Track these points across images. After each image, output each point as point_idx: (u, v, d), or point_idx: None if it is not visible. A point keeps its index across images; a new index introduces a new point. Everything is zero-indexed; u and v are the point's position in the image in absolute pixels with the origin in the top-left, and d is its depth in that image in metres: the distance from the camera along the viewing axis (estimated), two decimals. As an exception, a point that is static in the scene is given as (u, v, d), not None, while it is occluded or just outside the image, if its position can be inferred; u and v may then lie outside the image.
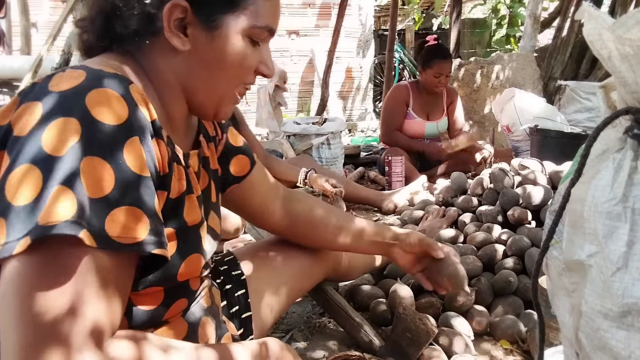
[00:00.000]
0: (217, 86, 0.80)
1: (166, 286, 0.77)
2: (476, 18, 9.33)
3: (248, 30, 0.77)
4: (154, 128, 0.69)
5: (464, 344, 1.22)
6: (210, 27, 0.75)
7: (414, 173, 2.98)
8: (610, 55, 0.54)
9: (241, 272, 1.15)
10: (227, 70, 0.78)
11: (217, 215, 0.95)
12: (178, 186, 0.77)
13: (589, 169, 0.58)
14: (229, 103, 0.84)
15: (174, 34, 0.74)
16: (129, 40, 0.76)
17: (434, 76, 3.14)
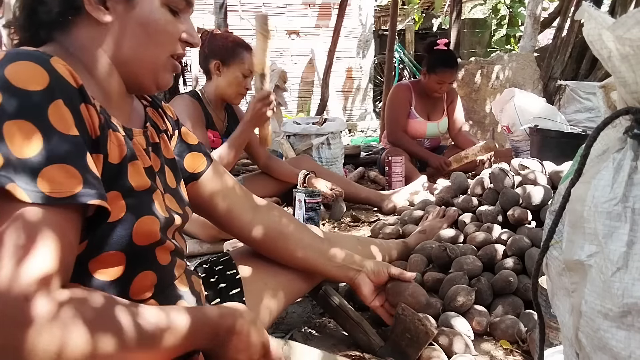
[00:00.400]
0: (145, 55, 0.83)
1: (126, 251, 0.77)
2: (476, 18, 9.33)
3: (164, 0, 0.82)
4: (82, 94, 0.71)
5: (464, 344, 1.22)
6: (130, 1, 0.80)
7: (414, 173, 2.98)
8: (610, 55, 0.54)
9: (236, 271, 1.15)
10: (151, 38, 0.82)
11: (178, 199, 0.94)
12: (118, 151, 0.78)
13: (589, 169, 0.59)
14: (167, 71, 0.87)
15: (95, 8, 0.78)
16: (55, 25, 0.79)
17: (436, 82, 3.12)
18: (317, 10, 7.73)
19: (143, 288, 0.82)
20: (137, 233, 0.78)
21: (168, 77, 0.88)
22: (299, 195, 2.15)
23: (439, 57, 3.14)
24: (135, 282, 0.80)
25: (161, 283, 0.85)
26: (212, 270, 1.16)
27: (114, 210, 0.75)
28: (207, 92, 2.32)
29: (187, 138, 1.06)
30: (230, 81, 2.24)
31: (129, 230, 0.77)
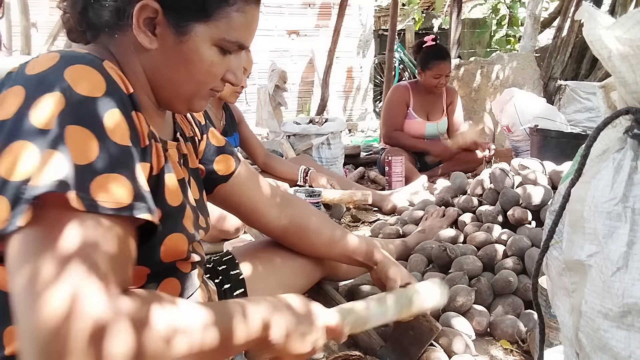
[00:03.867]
0: (181, 87, 0.81)
1: (151, 267, 0.77)
2: (476, 18, 9.33)
3: (217, 41, 0.78)
4: (132, 101, 0.71)
5: (464, 344, 1.22)
6: (180, 31, 0.76)
7: (414, 173, 2.98)
8: (610, 55, 0.54)
9: (239, 271, 1.16)
10: (192, 74, 0.79)
11: (201, 210, 0.95)
12: (157, 162, 0.78)
13: (589, 169, 0.59)
14: (201, 100, 0.85)
15: (142, 32, 0.76)
16: (101, 30, 0.78)
17: (433, 77, 3.14)
18: (317, 10, 7.72)
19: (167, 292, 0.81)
20: (165, 250, 0.78)
21: (203, 104, 0.86)
22: (299, 194, 2.15)
23: (429, 52, 3.17)
24: (160, 288, 0.81)
25: (184, 291, 0.87)
26: (215, 270, 1.16)
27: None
28: None
29: (214, 140, 1.07)
30: None
31: (158, 247, 0.77)
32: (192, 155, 0.97)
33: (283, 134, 3.39)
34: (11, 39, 5.22)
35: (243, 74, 2.23)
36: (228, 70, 0.83)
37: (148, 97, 0.83)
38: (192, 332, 0.64)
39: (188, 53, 0.78)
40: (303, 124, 3.40)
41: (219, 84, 0.84)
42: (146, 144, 0.73)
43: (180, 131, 0.95)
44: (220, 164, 1.05)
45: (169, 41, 0.77)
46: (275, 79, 5.16)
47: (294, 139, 3.28)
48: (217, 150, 1.06)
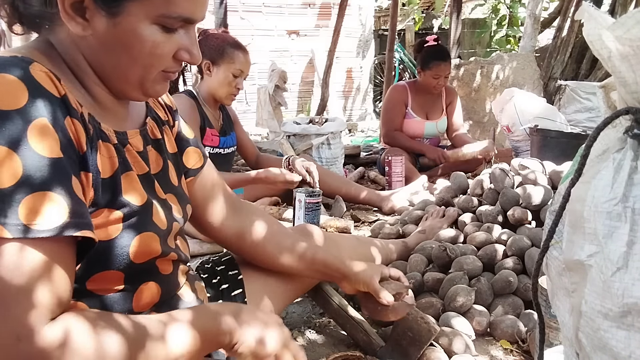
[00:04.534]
0: (127, 73, 0.75)
1: (124, 270, 0.75)
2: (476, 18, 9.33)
3: (156, 19, 0.71)
4: (65, 105, 0.66)
5: (464, 344, 1.22)
6: (112, 12, 0.70)
7: (414, 173, 2.98)
8: (610, 55, 0.54)
9: (238, 272, 1.15)
10: (134, 58, 0.73)
11: (180, 198, 0.91)
12: (109, 164, 0.74)
13: (589, 169, 0.59)
14: (154, 84, 0.78)
15: (71, 18, 0.70)
16: (33, 21, 0.74)
17: (432, 77, 3.14)
18: (317, 10, 7.72)
19: (147, 299, 0.80)
20: (135, 252, 0.75)
21: (158, 88, 0.79)
22: (299, 195, 2.15)
23: (430, 52, 3.17)
24: (138, 295, 0.79)
25: (166, 293, 0.84)
26: (214, 270, 1.16)
27: (108, 229, 0.72)
28: (200, 91, 2.31)
29: (186, 131, 1.01)
30: (220, 81, 2.23)
31: (126, 249, 0.74)
32: (170, 140, 0.93)
33: (283, 134, 3.39)
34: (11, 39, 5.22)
35: (240, 76, 2.23)
36: (180, 48, 0.75)
37: (101, 89, 0.77)
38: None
39: (125, 35, 0.71)
40: (303, 124, 3.40)
41: (172, 64, 0.77)
42: (84, 150, 0.68)
43: (153, 114, 0.90)
44: (189, 157, 0.98)
45: (102, 25, 0.70)
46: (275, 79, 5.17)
47: (294, 139, 3.28)
48: (188, 142, 0.99)
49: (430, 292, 1.49)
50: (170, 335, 0.69)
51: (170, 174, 0.90)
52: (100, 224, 0.71)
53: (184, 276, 0.92)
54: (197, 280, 0.99)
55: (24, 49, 0.73)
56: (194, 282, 0.96)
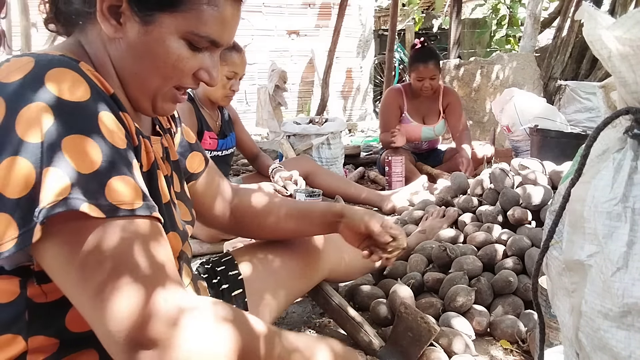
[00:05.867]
0: (147, 81, 0.77)
1: None
2: (476, 18, 9.33)
3: (185, 35, 0.74)
4: (115, 102, 0.70)
5: (464, 344, 1.22)
6: (145, 21, 0.73)
7: (414, 173, 2.98)
8: (610, 55, 0.54)
9: (238, 272, 1.15)
10: (157, 67, 0.75)
11: (186, 203, 0.95)
12: (147, 160, 0.77)
13: (589, 169, 0.59)
14: (167, 100, 0.81)
15: (106, 20, 0.72)
16: (70, 19, 0.76)
17: (416, 80, 3.10)
18: (317, 10, 7.72)
19: None
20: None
21: (167, 107, 0.81)
22: (299, 195, 2.15)
23: (414, 54, 3.16)
24: None
25: None
26: (214, 270, 1.16)
27: None
28: (197, 93, 2.31)
29: (188, 136, 1.05)
30: None
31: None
32: (172, 148, 0.96)
33: (283, 134, 3.39)
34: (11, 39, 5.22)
35: (234, 78, 2.23)
36: (201, 68, 0.78)
37: (121, 92, 0.80)
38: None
39: (153, 44, 0.73)
40: (303, 124, 3.41)
41: (189, 82, 0.79)
42: (136, 143, 0.73)
43: (159, 124, 0.93)
44: (191, 162, 1.03)
45: (134, 31, 0.73)
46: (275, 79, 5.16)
47: (294, 139, 3.28)
48: (190, 147, 1.04)
49: (430, 292, 1.49)
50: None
51: (174, 179, 0.93)
52: None
53: (188, 277, 0.92)
54: (199, 280, 1.00)
55: (59, 49, 0.75)
56: (196, 282, 0.97)
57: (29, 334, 0.67)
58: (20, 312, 0.67)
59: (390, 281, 1.55)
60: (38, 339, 0.68)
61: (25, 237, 0.58)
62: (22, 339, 0.67)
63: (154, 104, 0.80)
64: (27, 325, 0.67)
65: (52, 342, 0.69)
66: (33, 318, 0.67)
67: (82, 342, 0.71)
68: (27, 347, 0.67)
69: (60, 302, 0.67)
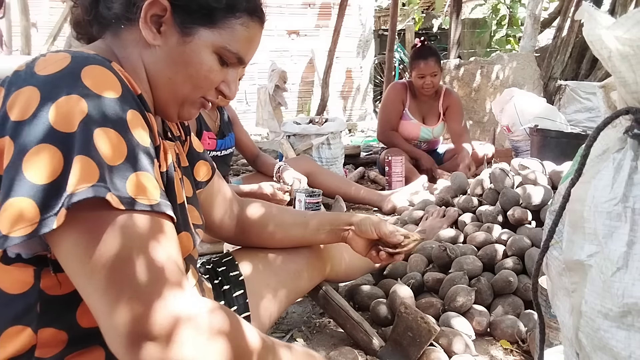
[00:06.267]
0: (178, 88, 0.81)
1: None
2: (476, 18, 9.33)
3: (218, 49, 0.80)
4: (142, 102, 0.72)
5: (464, 344, 1.22)
6: (184, 32, 0.78)
7: (414, 173, 2.98)
8: (610, 55, 0.54)
9: (239, 272, 1.15)
10: (190, 76, 0.80)
11: (195, 208, 0.96)
12: (165, 159, 0.79)
13: (589, 169, 0.59)
14: (193, 107, 0.85)
15: (148, 27, 0.77)
16: (109, 22, 0.79)
17: (417, 77, 3.12)
18: (317, 10, 7.72)
19: None
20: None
21: (193, 112, 0.87)
22: (299, 195, 2.15)
23: (415, 52, 3.19)
24: None
25: None
26: (215, 271, 1.16)
27: None
28: None
29: (196, 145, 1.07)
30: None
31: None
32: (182, 154, 0.98)
33: (283, 134, 3.39)
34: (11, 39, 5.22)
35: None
36: (225, 81, 0.84)
37: (148, 97, 0.83)
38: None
39: (189, 54, 0.79)
40: (303, 124, 3.40)
41: (212, 93, 0.85)
42: (157, 143, 0.75)
43: (169, 130, 0.95)
44: (199, 170, 1.05)
45: (173, 40, 0.78)
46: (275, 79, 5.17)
47: (294, 139, 3.28)
48: (198, 156, 1.06)
49: (430, 292, 1.49)
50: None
51: (186, 185, 0.94)
52: None
53: (194, 278, 0.93)
54: (204, 282, 1.01)
55: (91, 49, 0.77)
56: (202, 284, 0.98)
57: (39, 326, 0.68)
58: (32, 303, 0.68)
59: (390, 281, 1.55)
60: (48, 331, 0.69)
61: (48, 221, 0.59)
62: (31, 331, 0.68)
63: (180, 110, 0.84)
64: (37, 317, 0.68)
65: (61, 336, 0.70)
66: (44, 310, 0.68)
67: (90, 338, 0.71)
68: (37, 339, 0.68)
69: (72, 296, 0.68)
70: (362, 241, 1.20)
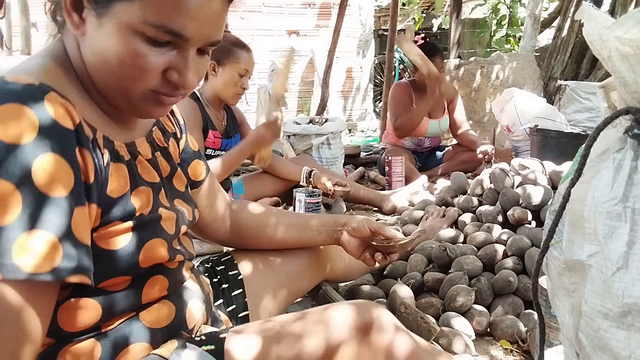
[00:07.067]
0: (113, 82, 0.70)
1: (133, 274, 0.76)
2: (476, 18, 9.33)
3: (139, 26, 0.65)
4: (78, 136, 0.64)
5: (464, 344, 1.22)
6: (99, 12, 0.66)
7: (414, 173, 2.98)
8: (610, 55, 0.54)
9: (238, 271, 1.15)
10: (117, 65, 0.67)
11: (188, 202, 0.93)
12: (122, 183, 0.73)
13: (589, 169, 0.59)
14: (146, 103, 0.72)
15: (68, 14, 0.67)
16: (56, 14, 0.73)
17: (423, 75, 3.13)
18: (317, 10, 7.72)
19: (155, 291, 0.81)
20: (144, 259, 0.76)
21: (151, 110, 0.74)
22: (299, 195, 2.15)
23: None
24: (147, 288, 0.80)
25: (173, 284, 0.85)
26: (214, 270, 1.16)
27: (117, 239, 0.72)
28: (204, 92, 2.31)
29: (192, 144, 1.04)
30: (226, 81, 2.23)
31: (135, 257, 0.74)
32: (176, 151, 0.94)
33: (283, 134, 3.38)
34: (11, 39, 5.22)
35: (246, 76, 2.23)
36: (170, 67, 0.69)
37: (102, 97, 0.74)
38: None
39: (109, 39, 0.66)
40: (303, 124, 3.40)
41: (161, 85, 0.70)
42: (91, 181, 0.66)
43: (160, 125, 0.91)
44: (193, 169, 1.01)
45: (92, 25, 0.67)
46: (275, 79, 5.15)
47: (294, 139, 3.28)
48: (193, 154, 1.02)
49: (430, 292, 1.49)
50: None
51: (176, 179, 0.92)
52: (109, 234, 0.71)
53: (188, 272, 0.92)
54: (201, 275, 1.00)
55: (41, 57, 0.72)
56: (198, 276, 0.97)
57: None
58: None
59: (390, 281, 1.55)
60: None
61: None
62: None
63: (132, 107, 0.73)
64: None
65: (48, 340, 0.69)
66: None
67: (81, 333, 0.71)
68: None
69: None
70: (355, 241, 1.19)
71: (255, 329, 0.84)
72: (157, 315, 0.81)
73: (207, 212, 1.09)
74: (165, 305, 0.83)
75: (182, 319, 0.85)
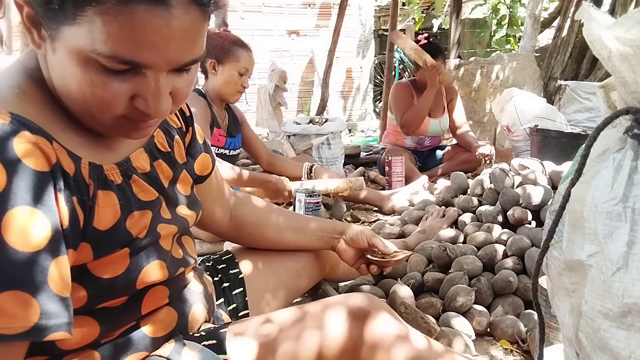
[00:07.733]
0: (79, 107, 0.64)
1: (129, 293, 0.74)
2: (476, 18, 9.33)
3: (89, 54, 0.57)
4: (54, 178, 0.59)
5: (464, 344, 1.22)
6: (51, 35, 0.59)
7: (414, 173, 2.98)
8: (610, 55, 0.54)
9: (239, 270, 1.15)
10: (78, 94, 0.61)
11: (192, 205, 0.90)
12: (111, 213, 0.69)
13: (589, 169, 0.59)
14: (124, 128, 0.66)
15: (28, 31, 0.60)
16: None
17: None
18: (317, 10, 7.72)
19: (156, 301, 0.81)
20: (141, 282, 0.74)
21: (130, 134, 0.68)
22: (299, 195, 2.15)
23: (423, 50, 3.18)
24: (146, 300, 0.79)
25: (174, 291, 0.84)
26: (215, 268, 1.16)
27: (115, 266, 0.70)
28: (207, 90, 2.31)
29: (199, 136, 0.98)
30: (226, 80, 2.23)
31: (133, 281, 0.73)
32: (180, 150, 0.90)
33: (283, 134, 3.39)
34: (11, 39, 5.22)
35: (245, 74, 2.24)
36: (136, 94, 0.62)
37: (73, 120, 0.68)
38: None
39: (63, 64, 0.59)
40: (303, 124, 3.40)
41: (133, 112, 0.63)
42: (66, 226, 0.61)
43: (163, 126, 0.86)
44: (200, 164, 0.97)
45: (49, 47, 0.60)
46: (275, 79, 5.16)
47: (294, 139, 3.28)
48: (200, 147, 0.97)
49: (430, 292, 1.49)
50: None
51: (181, 183, 0.88)
52: (105, 263, 0.70)
53: (190, 273, 0.92)
54: (204, 275, 1.00)
55: (15, 75, 0.65)
56: (202, 276, 0.96)
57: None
58: None
59: (390, 281, 1.55)
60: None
61: None
62: None
63: (110, 132, 0.67)
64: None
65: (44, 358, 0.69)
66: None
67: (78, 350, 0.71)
68: None
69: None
70: (351, 251, 1.21)
71: (255, 322, 0.85)
72: (159, 323, 0.80)
73: (210, 206, 1.07)
74: (167, 312, 0.82)
75: (185, 324, 0.85)
